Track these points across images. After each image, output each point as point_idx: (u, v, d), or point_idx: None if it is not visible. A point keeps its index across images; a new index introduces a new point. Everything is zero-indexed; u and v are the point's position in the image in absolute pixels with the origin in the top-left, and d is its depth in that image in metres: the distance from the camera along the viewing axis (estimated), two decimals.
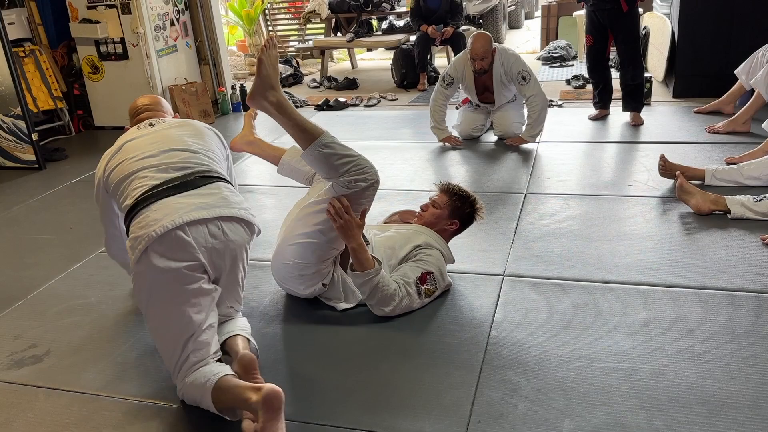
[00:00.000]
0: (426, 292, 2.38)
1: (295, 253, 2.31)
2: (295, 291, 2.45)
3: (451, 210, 2.59)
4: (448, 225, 2.59)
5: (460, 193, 2.61)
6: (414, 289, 2.34)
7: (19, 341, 2.43)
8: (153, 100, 2.48)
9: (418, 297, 2.36)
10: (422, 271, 2.38)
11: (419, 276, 2.36)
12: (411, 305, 2.36)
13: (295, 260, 2.32)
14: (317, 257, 2.31)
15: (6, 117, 4.52)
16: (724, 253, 2.69)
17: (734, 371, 1.97)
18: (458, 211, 2.59)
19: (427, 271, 2.38)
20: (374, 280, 2.25)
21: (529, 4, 11.61)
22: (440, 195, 2.63)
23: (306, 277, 2.35)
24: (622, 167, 3.88)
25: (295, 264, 2.33)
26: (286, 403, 1.93)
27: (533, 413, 1.85)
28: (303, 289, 2.41)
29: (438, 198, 2.62)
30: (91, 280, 2.88)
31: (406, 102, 5.98)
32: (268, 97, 2.15)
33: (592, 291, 2.47)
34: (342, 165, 2.18)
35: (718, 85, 4.75)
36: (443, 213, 2.58)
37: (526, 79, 4.14)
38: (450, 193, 2.62)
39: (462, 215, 2.60)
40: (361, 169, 2.19)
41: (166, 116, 2.43)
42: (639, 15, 4.45)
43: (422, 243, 2.46)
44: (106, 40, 5.26)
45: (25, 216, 3.75)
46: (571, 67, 6.78)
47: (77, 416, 1.99)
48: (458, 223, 2.60)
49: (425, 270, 2.38)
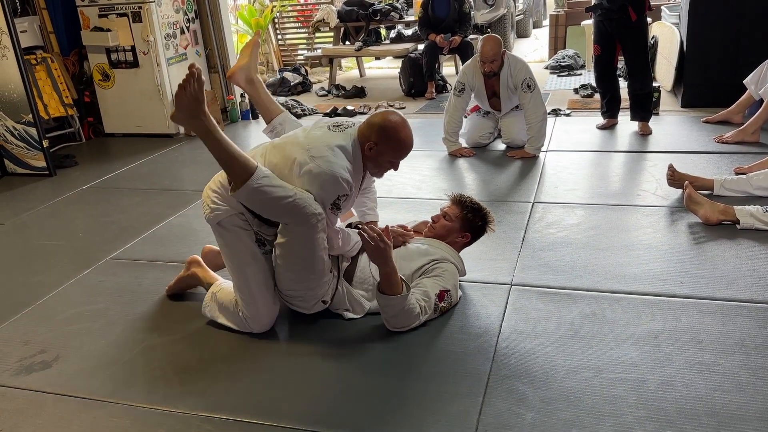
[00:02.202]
0: (441, 310, 2.38)
1: (284, 286, 2.36)
2: (300, 309, 2.45)
3: (463, 222, 2.57)
4: (459, 238, 2.58)
5: (472, 206, 2.60)
6: (432, 308, 2.35)
7: (28, 347, 2.44)
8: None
9: (435, 313, 2.37)
10: (440, 288, 2.37)
11: (438, 294, 2.36)
12: (422, 320, 2.35)
13: (287, 291, 2.37)
14: (304, 287, 2.33)
15: (17, 124, 4.56)
16: (733, 263, 2.67)
17: (743, 383, 1.95)
18: (470, 224, 2.58)
19: (445, 289, 2.38)
20: (401, 304, 2.25)
21: (537, 13, 11.63)
22: (452, 207, 2.61)
23: (304, 298, 2.37)
24: (631, 177, 3.87)
25: (288, 294, 2.37)
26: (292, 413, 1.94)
27: (540, 423, 1.84)
28: (306, 309, 2.42)
29: (450, 210, 2.60)
30: (100, 286, 2.90)
31: (414, 110, 5.99)
32: (191, 126, 2.10)
33: (600, 301, 2.47)
34: (280, 208, 2.14)
35: (726, 95, 4.73)
36: (455, 225, 2.57)
37: (531, 87, 4.15)
38: (462, 205, 2.60)
39: (474, 228, 2.59)
40: (303, 209, 2.12)
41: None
42: (647, 24, 4.46)
43: (439, 257, 2.45)
44: (116, 48, 5.31)
45: (35, 222, 3.78)
46: (579, 76, 6.78)
47: (85, 422, 2.00)
48: (469, 236, 2.59)
49: (443, 288, 2.38)
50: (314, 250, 2.22)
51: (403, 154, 2.36)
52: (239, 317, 2.37)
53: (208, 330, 2.46)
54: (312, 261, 2.24)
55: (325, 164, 2.18)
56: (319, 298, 2.36)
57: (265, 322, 2.37)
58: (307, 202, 2.13)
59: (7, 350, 2.43)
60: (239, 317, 2.37)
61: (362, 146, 2.31)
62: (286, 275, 2.32)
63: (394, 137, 2.29)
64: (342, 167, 2.21)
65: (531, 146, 4.24)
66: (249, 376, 2.17)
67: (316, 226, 2.16)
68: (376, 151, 2.30)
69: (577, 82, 6.25)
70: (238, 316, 2.37)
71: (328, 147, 2.24)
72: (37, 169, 4.64)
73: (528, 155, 4.25)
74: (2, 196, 4.31)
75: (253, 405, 2.02)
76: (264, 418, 1.95)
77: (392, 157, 2.34)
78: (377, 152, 2.30)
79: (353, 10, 7.57)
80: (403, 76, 6.73)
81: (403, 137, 2.31)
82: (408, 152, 2.36)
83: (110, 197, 4.11)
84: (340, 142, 2.28)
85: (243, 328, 2.38)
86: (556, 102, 5.68)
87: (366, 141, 2.30)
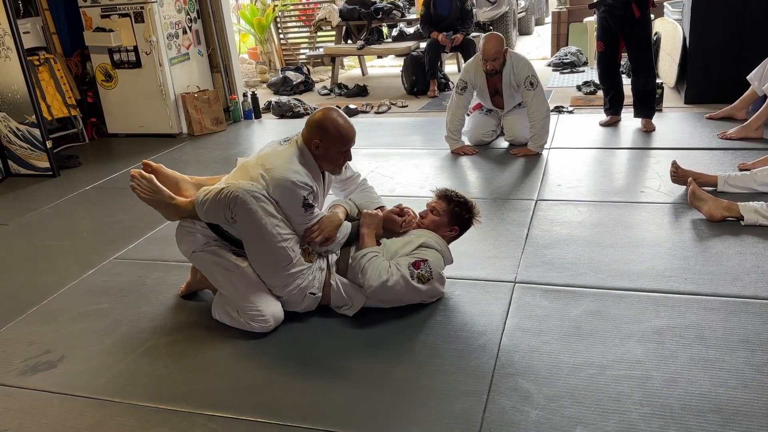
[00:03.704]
0: (419, 277, 2.36)
1: (269, 286, 2.44)
2: (295, 308, 2.47)
3: (451, 216, 2.57)
4: (447, 232, 2.58)
5: (458, 200, 2.60)
6: (407, 272, 2.34)
7: (33, 347, 2.45)
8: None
9: (411, 279, 2.34)
10: (416, 259, 2.39)
11: (413, 262, 2.37)
12: (407, 289, 2.34)
13: (275, 292, 2.44)
14: (280, 281, 2.40)
15: (21, 125, 4.57)
16: (737, 260, 2.67)
17: (748, 379, 1.95)
18: (457, 218, 2.58)
19: (421, 259, 2.39)
20: (366, 255, 2.35)
21: (539, 10, 11.62)
22: (438, 201, 2.61)
23: (290, 294, 2.42)
24: (634, 174, 3.86)
25: (278, 295, 2.45)
26: (296, 411, 1.94)
27: (545, 421, 1.84)
28: (297, 305, 2.46)
29: (437, 204, 2.60)
30: (104, 286, 2.91)
31: (417, 109, 5.99)
32: (165, 214, 2.50)
33: (604, 298, 2.46)
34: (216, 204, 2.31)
35: (730, 91, 4.72)
36: (443, 220, 2.57)
37: (533, 85, 4.14)
38: (449, 200, 2.60)
39: (461, 221, 2.59)
40: (227, 194, 2.28)
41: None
42: (651, 21, 4.44)
43: (422, 243, 2.47)
44: (119, 48, 5.33)
45: (39, 223, 3.79)
46: (582, 73, 6.77)
47: (90, 422, 2.00)
48: (458, 229, 2.60)
49: (419, 258, 2.40)
50: (261, 226, 2.28)
51: (348, 143, 2.42)
52: (242, 321, 2.40)
53: (212, 329, 2.47)
54: (270, 246, 2.32)
55: (278, 173, 2.31)
56: (306, 290, 2.40)
57: (270, 320, 2.38)
58: (230, 188, 2.27)
59: (12, 350, 2.44)
60: (242, 321, 2.40)
61: (309, 148, 2.40)
62: (262, 275, 2.41)
63: (334, 129, 2.36)
64: (294, 171, 2.33)
65: (534, 144, 4.24)
66: (253, 375, 2.17)
67: (252, 200, 2.25)
68: (323, 147, 2.38)
69: (580, 79, 6.23)
70: (240, 321, 2.40)
71: (280, 158, 2.37)
72: (41, 169, 4.65)
73: (531, 153, 4.24)
74: (6, 197, 4.32)
75: (257, 403, 2.02)
76: (268, 416, 1.96)
77: (339, 148, 2.40)
78: (324, 148, 2.39)
79: (355, 9, 7.57)
80: (405, 75, 6.73)
81: (342, 125, 2.38)
82: (352, 139, 2.42)
83: (114, 197, 4.11)
84: (288, 151, 2.40)
85: (247, 329, 2.39)
86: (559, 99, 5.67)
87: (311, 141, 2.38)
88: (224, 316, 2.47)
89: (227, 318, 2.46)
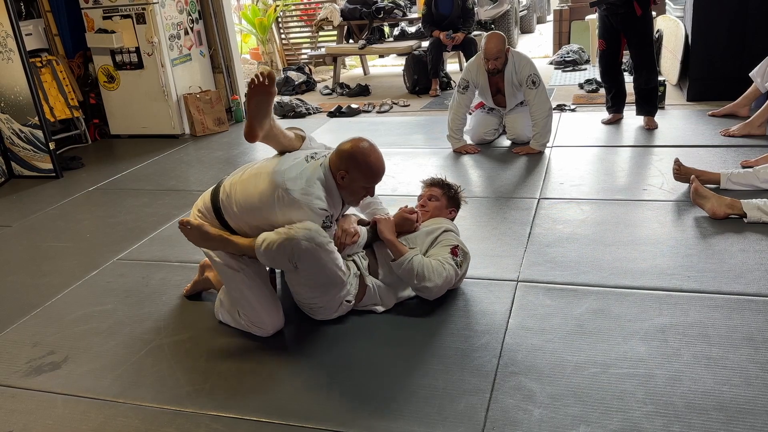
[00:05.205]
0: (460, 264, 2.48)
1: (304, 299, 2.43)
2: (323, 317, 2.45)
3: (447, 199, 2.74)
4: (448, 214, 2.73)
5: (448, 183, 2.79)
6: (452, 262, 2.43)
7: (37, 348, 2.46)
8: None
9: (459, 267, 2.46)
10: (450, 246, 2.48)
11: (450, 251, 2.46)
12: (456, 278, 2.46)
13: (309, 303, 2.42)
14: (328, 298, 2.38)
15: (24, 126, 4.58)
16: (741, 257, 2.66)
17: (752, 377, 1.95)
18: (452, 199, 2.76)
19: (454, 245, 2.49)
20: (413, 261, 2.37)
21: (540, 8, 11.59)
22: (432, 188, 2.78)
23: (326, 306, 2.40)
24: (636, 171, 3.86)
25: (309, 304, 2.43)
26: (300, 411, 1.94)
27: (548, 420, 1.84)
28: (328, 315, 2.44)
29: (432, 191, 2.76)
30: (107, 287, 2.91)
31: (419, 108, 5.98)
32: (206, 246, 2.41)
33: (606, 296, 2.46)
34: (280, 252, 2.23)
35: (732, 88, 4.71)
36: (442, 203, 2.73)
37: (536, 83, 4.14)
38: (441, 185, 2.78)
39: (455, 201, 2.77)
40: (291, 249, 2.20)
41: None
42: (652, 18, 4.44)
43: (444, 229, 2.58)
44: (121, 49, 5.33)
45: (42, 224, 3.80)
46: (584, 71, 6.75)
47: (94, 423, 2.01)
48: (455, 209, 2.76)
49: (451, 245, 2.49)
50: (326, 268, 2.27)
51: (374, 180, 2.34)
52: (243, 323, 2.41)
53: (216, 330, 2.47)
54: (331, 279, 2.31)
55: (298, 195, 2.21)
56: (343, 298, 2.40)
57: (268, 329, 2.38)
58: (291, 239, 2.15)
59: (16, 352, 2.45)
60: (243, 323, 2.41)
61: (334, 176, 2.29)
62: (305, 293, 2.38)
63: (364, 164, 2.27)
64: (317, 197, 2.24)
65: (536, 142, 4.24)
66: (256, 375, 2.17)
67: (317, 249, 2.19)
68: (348, 179, 2.28)
69: (582, 78, 6.23)
70: (241, 322, 2.41)
71: (302, 179, 2.25)
72: (44, 171, 4.66)
73: (533, 151, 4.24)
74: (9, 199, 4.33)
75: (261, 403, 2.03)
76: (272, 416, 1.96)
77: (365, 183, 2.32)
78: (350, 180, 2.28)
79: (356, 9, 7.57)
80: (407, 74, 6.73)
81: (373, 162, 2.28)
82: (380, 177, 2.34)
83: (117, 198, 4.12)
84: (313, 172, 2.28)
85: (248, 330, 2.40)
86: (561, 97, 5.66)
87: (337, 170, 2.28)
88: (227, 317, 2.47)
89: (230, 319, 2.46)
